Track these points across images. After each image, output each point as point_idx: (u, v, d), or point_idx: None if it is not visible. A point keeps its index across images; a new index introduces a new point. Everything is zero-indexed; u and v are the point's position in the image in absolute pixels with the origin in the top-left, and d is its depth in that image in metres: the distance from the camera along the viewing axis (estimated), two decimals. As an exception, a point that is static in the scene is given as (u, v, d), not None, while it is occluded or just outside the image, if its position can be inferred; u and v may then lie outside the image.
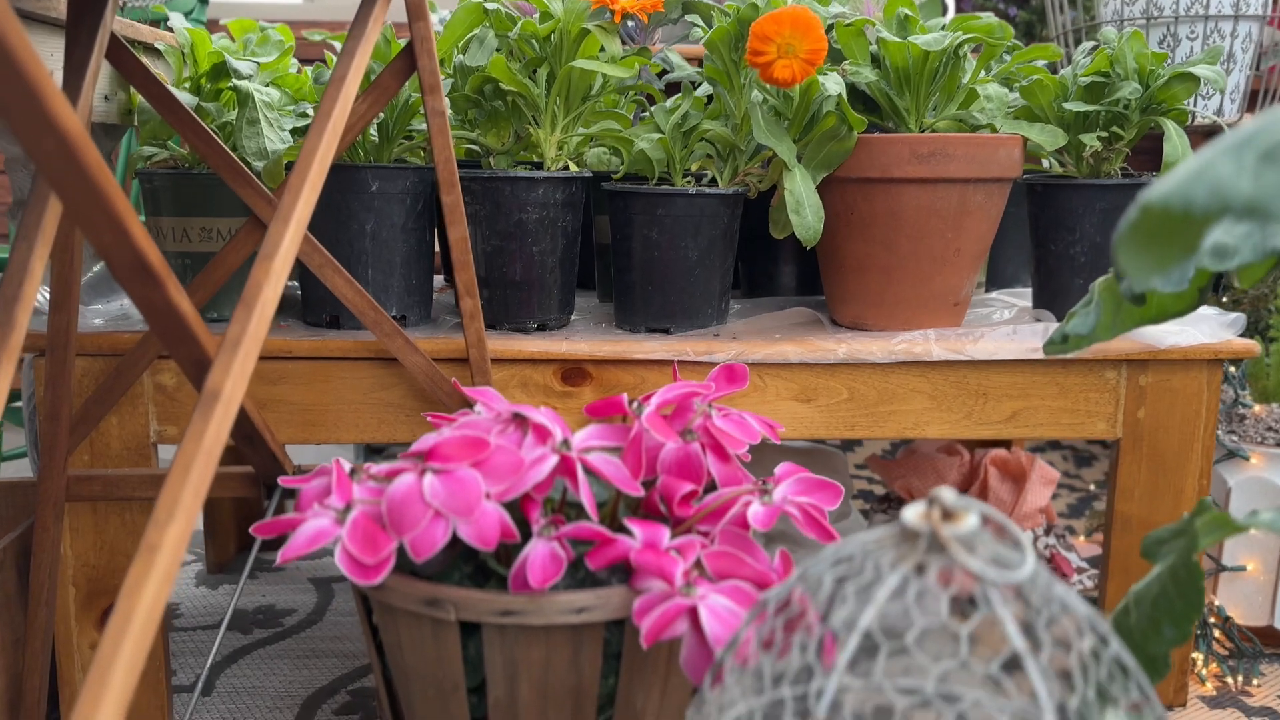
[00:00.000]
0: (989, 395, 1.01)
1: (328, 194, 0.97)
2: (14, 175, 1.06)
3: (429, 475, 0.70)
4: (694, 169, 1.06)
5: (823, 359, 0.99)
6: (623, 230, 1.02)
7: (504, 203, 0.98)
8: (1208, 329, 1.02)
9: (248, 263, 0.98)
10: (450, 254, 0.94)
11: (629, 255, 1.02)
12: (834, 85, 0.96)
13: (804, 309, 1.12)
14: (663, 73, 1.24)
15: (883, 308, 1.04)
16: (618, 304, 1.06)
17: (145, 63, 0.92)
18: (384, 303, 1.01)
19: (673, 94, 1.13)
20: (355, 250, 1.00)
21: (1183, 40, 1.57)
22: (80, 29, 0.79)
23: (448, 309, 1.14)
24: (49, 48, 0.96)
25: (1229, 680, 1.16)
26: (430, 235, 1.06)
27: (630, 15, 0.97)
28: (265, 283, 0.62)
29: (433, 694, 0.75)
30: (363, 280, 1.00)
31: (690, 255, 1.00)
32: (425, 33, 0.87)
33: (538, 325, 1.03)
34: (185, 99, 1.00)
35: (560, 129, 1.01)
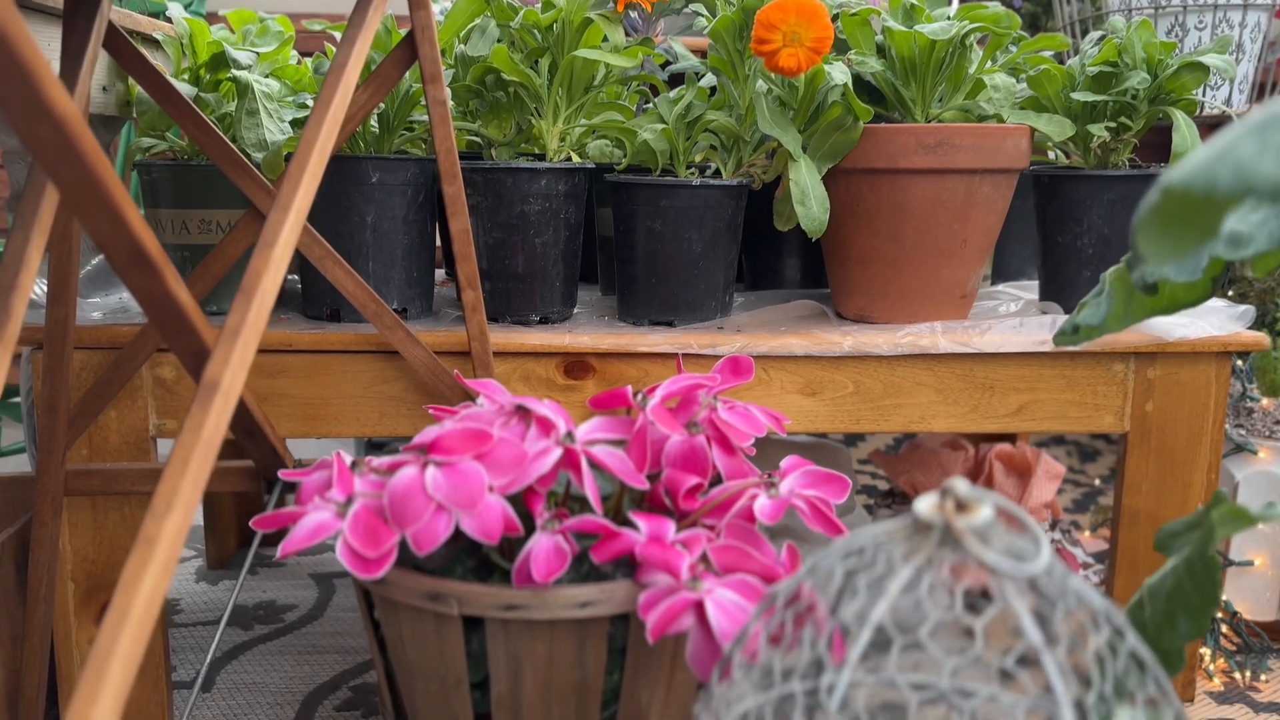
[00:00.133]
0: (996, 388, 1.00)
1: (328, 185, 0.97)
2: (12, 169, 1.05)
3: (431, 468, 0.70)
4: (698, 160, 1.05)
5: (828, 352, 0.98)
6: (626, 222, 1.01)
7: (506, 194, 0.97)
8: (1216, 321, 1.00)
9: (247, 255, 0.97)
10: (452, 246, 0.93)
11: (632, 247, 1.01)
12: (840, 74, 0.95)
13: (809, 302, 1.11)
14: (665, 64, 1.23)
15: (888, 300, 1.03)
16: (621, 297, 1.05)
17: (144, 53, 0.91)
18: (385, 295, 1.00)
19: (676, 86, 1.12)
20: (356, 242, 0.99)
21: (1191, 30, 1.56)
22: (77, 16, 0.78)
23: (449, 302, 1.14)
24: (46, 37, 0.95)
25: (1236, 676, 1.15)
26: (431, 227, 1.05)
27: (633, 5, 0.96)
28: (265, 272, 0.61)
29: (435, 689, 0.74)
30: (363, 273, 0.99)
31: (694, 247, 0.99)
32: (426, 21, 0.86)
33: (540, 318, 1.02)
34: (184, 90, 0.99)
35: (563, 120, 1.00)
